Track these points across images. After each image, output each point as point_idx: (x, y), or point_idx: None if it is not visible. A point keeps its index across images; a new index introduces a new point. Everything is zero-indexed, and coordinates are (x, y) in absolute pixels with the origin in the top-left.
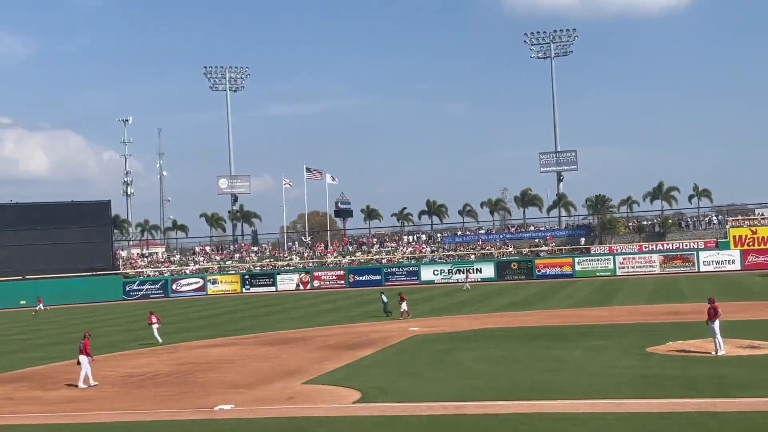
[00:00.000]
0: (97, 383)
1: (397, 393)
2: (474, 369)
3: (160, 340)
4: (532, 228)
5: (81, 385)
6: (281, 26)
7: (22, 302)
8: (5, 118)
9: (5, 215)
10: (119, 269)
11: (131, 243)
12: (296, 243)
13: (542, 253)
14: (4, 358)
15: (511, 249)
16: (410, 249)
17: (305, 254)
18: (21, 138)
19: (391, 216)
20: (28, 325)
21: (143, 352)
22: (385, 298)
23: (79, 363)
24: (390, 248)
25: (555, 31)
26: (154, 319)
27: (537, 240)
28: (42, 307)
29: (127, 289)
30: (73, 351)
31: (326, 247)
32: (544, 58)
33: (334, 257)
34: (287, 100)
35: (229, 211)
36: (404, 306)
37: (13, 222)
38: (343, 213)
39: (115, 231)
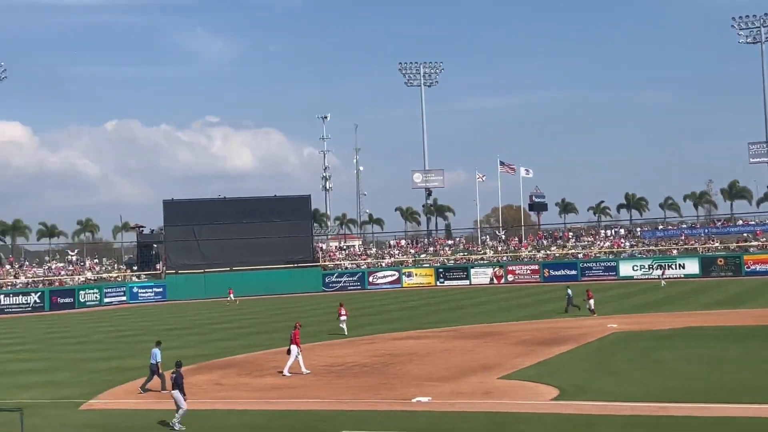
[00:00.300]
0: (309, 371)
1: (596, 391)
2: (678, 369)
3: (346, 332)
4: (740, 222)
5: (286, 372)
6: (475, 21)
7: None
8: (213, 117)
9: (214, 209)
10: (319, 261)
11: (330, 236)
12: (488, 237)
13: (752, 249)
14: (213, 345)
15: (717, 244)
16: (608, 243)
17: (499, 248)
18: (227, 136)
19: (588, 210)
20: (234, 314)
21: (342, 342)
22: (570, 292)
23: (289, 352)
24: (586, 243)
25: (766, 14)
26: (343, 311)
27: (746, 235)
28: (232, 297)
29: (326, 280)
30: (277, 340)
31: (520, 241)
32: (753, 42)
33: (529, 251)
34: (480, 94)
35: (423, 205)
36: (591, 303)
37: (221, 216)
38: (538, 207)
39: (315, 224)
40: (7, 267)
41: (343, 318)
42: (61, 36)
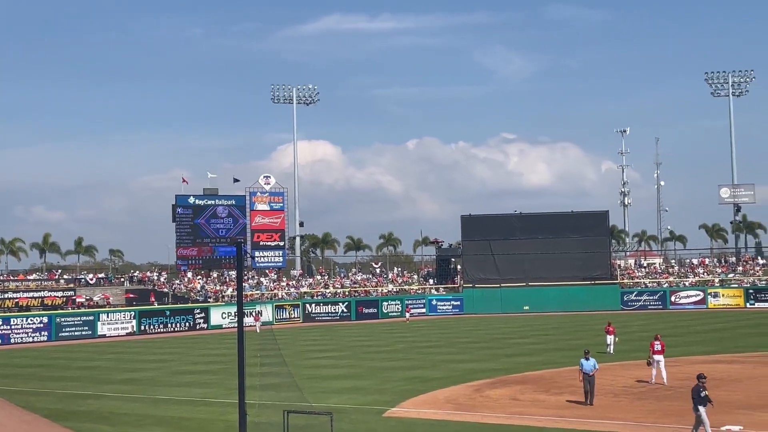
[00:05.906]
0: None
1: None
2: None
3: (612, 352)
4: None
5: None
6: None
7: (525, 308)
8: (509, 134)
9: (510, 225)
10: (617, 279)
11: (628, 253)
12: None
13: None
14: (509, 360)
15: None
16: None
17: None
18: (524, 151)
19: None
20: (528, 330)
21: (641, 363)
22: None
23: (648, 363)
24: None
25: None
26: (610, 329)
27: None
28: (408, 316)
29: (625, 299)
30: (573, 357)
31: None
32: None
33: None
34: None
35: (731, 222)
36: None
37: (517, 231)
38: None
39: (612, 241)
40: (318, 278)
41: (611, 337)
42: (366, 60)
